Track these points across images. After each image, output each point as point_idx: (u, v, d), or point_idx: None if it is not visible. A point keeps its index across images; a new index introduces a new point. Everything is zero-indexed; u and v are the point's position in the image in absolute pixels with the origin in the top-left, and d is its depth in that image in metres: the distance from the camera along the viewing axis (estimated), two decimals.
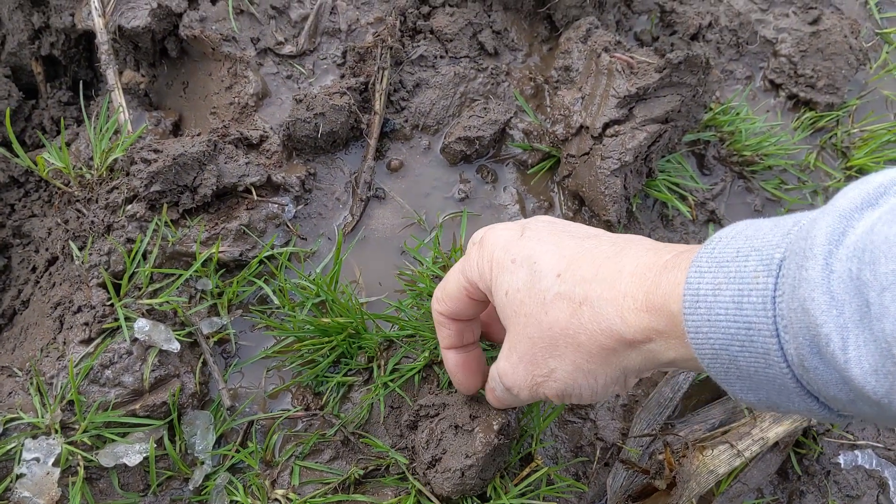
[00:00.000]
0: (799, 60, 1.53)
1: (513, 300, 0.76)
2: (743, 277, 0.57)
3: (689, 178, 1.39)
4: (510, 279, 0.76)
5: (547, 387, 0.76)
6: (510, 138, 1.38)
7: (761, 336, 0.55)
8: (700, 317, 0.59)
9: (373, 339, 1.15)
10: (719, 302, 0.58)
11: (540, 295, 0.73)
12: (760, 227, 0.60)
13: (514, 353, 0.77)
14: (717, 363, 0.60)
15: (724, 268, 0.58)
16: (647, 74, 1.24)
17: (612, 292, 0.67)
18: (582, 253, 0.73)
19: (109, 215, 1.16)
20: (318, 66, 1.36)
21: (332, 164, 1.31)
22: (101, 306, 1.10)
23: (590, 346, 0.69)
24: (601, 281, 0.69)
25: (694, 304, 0.59)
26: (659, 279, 0.64)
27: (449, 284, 0.87)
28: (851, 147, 1.52)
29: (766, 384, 0.58)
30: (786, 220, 0.58)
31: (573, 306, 0.70)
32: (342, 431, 1.12)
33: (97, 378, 1.06)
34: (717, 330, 0.58)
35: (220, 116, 1.30)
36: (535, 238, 0.78)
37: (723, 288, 0.58)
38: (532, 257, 0.75)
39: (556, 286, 0.72)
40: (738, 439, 1.08)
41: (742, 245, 0.59)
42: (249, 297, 1.19)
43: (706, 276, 0.59)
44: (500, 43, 1.45)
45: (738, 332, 0.57)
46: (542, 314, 0.72)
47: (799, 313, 0.52)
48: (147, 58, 1.37)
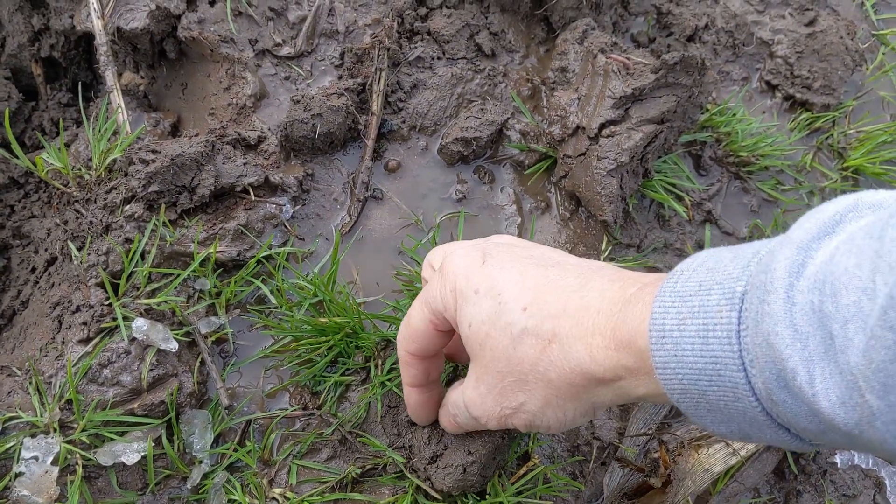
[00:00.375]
0: (795, 62, 1.54)
1: (478, 332, 0.74)
2: (707, 312, 0.57)
3: (685, 179, 1.39)
4: (474, 311, 0.75)
5: (516, 418, 0.76)
6: (507, 139, 1.38)
7: (728, 370, 0.55)
8: (667, 352, 0.59)
9: (370, 339, 1.16)
10: (685, 337, 0.58)
11: (507, 329, 0.72)
12: (721, 258, 0.59)
13: (482, 385, 0.77)
14: (686, 398, 0.60)
15: (687, 302, 0.58)
16: (643, 75, 1.25)
17: (580, 329, 0.67)
18: (547, 285, 0.72)
19: (108, 215, 1.16)
20: (316, 67, 1.37)
21: (330, 165, 1.31)
22: (99, 306, 1.11)
23: (559, 383, 0.69)
24: (569, 317, 0.68)
25: (660, 340, 0.59)
26: (625, 315, 0.64)
27: (413, 320, 0.84)
28: (848, 148, 1.53)
29: (736, 417, 0.58)
30: (745, 251, 0.58)
31: (542, 343, 0.69)
32: (339, 430, 1.13)
33: (95, 377, 1.06)
34: (684, 365, 0.58)
35: (219, 117, 1.31)
36: (497, 266, 0.76)
37: (687, 323, 0.58)
38: (496, 287, 0.74)
39: (522, 320, 0.71)
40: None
41: (704, 278, 0.59)
42: (247, 296, 1.20)
43: (670, 311, 0.59)
44: (497, 44, 1.45)
45: (705, 366, 0.57)
46: (511, 349, 0.71)
47: (764, 348, 0.52)
48: (146, 59, 1.37)
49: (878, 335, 0.44)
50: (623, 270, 0.72)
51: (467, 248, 0.81)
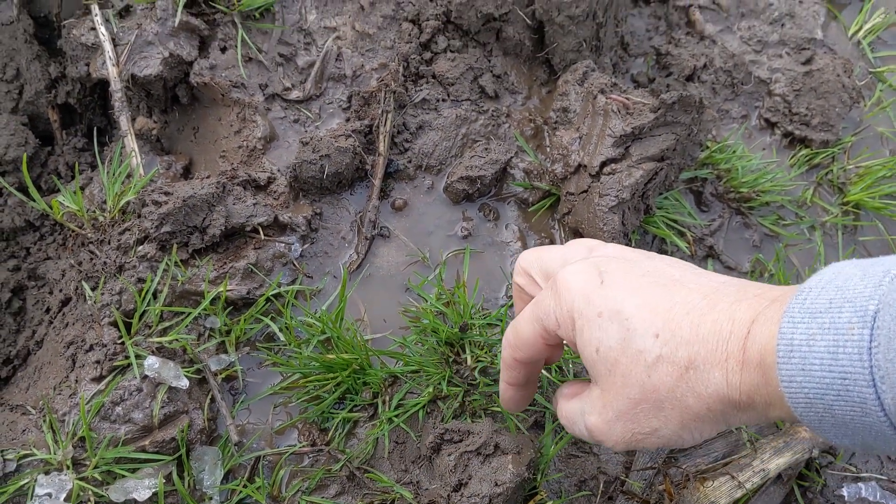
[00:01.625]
0: (793, 99, 1.57)
1: (605, 358, 0.73)
2: (838, 328, 0.57)
3: (686, 215, 1.41)
4: (600, 336, 0.73)
5: (647, 442, 0.75)
6: (511, 177, 1.41)
7: (857, 386, 0.56)
8: (794, 366, 0.59)
9: (377, 375, 1.17)
10: (814, 352, 0.58)
11: (639, 356, 0.71)
12: (849, 276, 0.60)
13: (610, 411, 0.75)
14: (810, 412, 0.60)
15: (817, 319, 0.59)
16: (643, 114, 1.28)
17: (716, 355, 0.67)
18: (675, 308, 0.71)
19: (121, 256, 1.19)
20: (325, 110, 1.41)
21: (338, 205, 1.34)
22: (112, 344, 1.13)
23: (698, 409, 0.69)
24: (703, 342, 0.68)
25: (788, 354, 0.60)
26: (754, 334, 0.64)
27: (522, 331, 0.83)
28: (847, 183, 1.55)
29: (861, 431, 0.58)
30: (875, 270, 0.59)
31: (679, 370, 0.69)
32: (347, 466, 1.14)
33: (108, 415, 1.08)
34: (811, 379, 0.58)
35: (229, 159, 1.34)
36: (617, 286, 0.74)
37: (817, 338, 0.58)
38: (622, 312, 0.72)
39: (656, 348, 0.70)
40: (738, 471, 1.09)
41: (834, 296, 0.59)
42: (257, 334, 1.22)
43: (799, 326, 0.60)
44: (500, 86, 1.49)
45: (833, 381, 0.57)
46: (645, 376, 0.71)
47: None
48: (159, 104, 1.41)
49: None
50: (744, 285, 0.71)
51: (580, 264, 0.79)
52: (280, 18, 1.44)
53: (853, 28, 1.75)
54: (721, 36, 1.65)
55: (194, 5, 1.39)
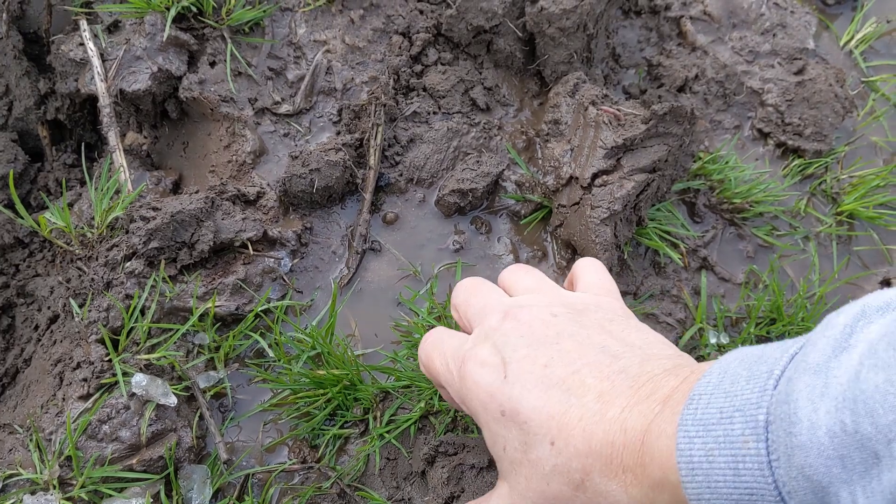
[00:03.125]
0: (785, 109, 1.56)
1: (511, 458, 0.74)
2: (733, 442, 0.56)
3: (680, 226, 1.41)
4: (506, 435, 0.75)
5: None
6: (503, 190, 1.40)
7: (766, 501, 0.55)
8: (699, 484, 0.58)
9: (368, 391, 1.16)
10: (715, 468, 0.57)
11: (537, 464, 0.71)
12: (736, 377, 0.59)
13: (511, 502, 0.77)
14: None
15: (711, 431, 0.58)
16: (634, 125, 1.27)
17: (611, 468, 0.66)
18: (569, 413, 0.70)
19: (109, 272, 1.18)
20: (315, 123, 1.40)
21: (329, 219, 1.34)
22: (99, 362, 1.12)
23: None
24: (596, 455, 0.67)
25: (690, 473, 0.59)
26: (651, 451, 0.63)
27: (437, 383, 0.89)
28: (841, 193, 1.54)
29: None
30: (759, 371, 0.58)
31: (574, 482, 0.69)
32: (338, 484, 1.12)
33: (95, 433, 1.07)
34: (719, 496, 0.57)
35: (219, 174, 1.33)
36: (517, 382, 0.74)
37: (715, 454, 0.57)
38: (521, 413, 0.73)
39: (552, 458, 0.70)
40: None
41: (724, 404, 0.58)
42: (246, 350, 1.21)
43: (695, 441, 0.59)
44: (491, 98, 1.49)
45: (741, 497, 0.56)
46: (544, 484, 0.71)
47: (800, 480, 0.52)
48: (148, 119, 1.41)
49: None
50: (640, 378, 0.70)
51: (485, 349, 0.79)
52: (269, 32, 1.43)
53: (845, 38, 1.75)
54: (713, 47, 1.64)
55: (183, 20, 1.39)
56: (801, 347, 0.56)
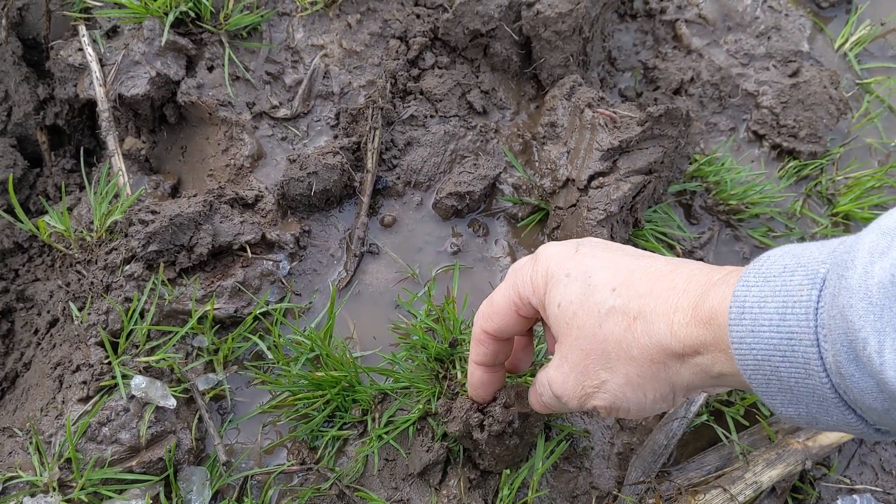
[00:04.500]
0: (780, 111, 1.57)
1: (566, 312, 0.76)
2: (788, 291, 0.58)
3: (676, 228, 1.41)
4: (564, 291, 0.77)
5: (597, 398, 0.77)
6: (500, 193, 1.41)
7: (802, 346, 0.57)
8: (744, 328, 0.60)
9: (367, 393, 1.17)
10: (764, 313, 0.59)
11: (594, 308, 0.74)
12: (808, 246, 0.61)
13: (566, 364, 0.78)
14: (758, 374, 0.61)
15: (770, 282, 0.60)
16: (629, 128, 1.28)
17: (664, 307, 0.69)
18: (637, 269, 0.74)
19: (108, 276, 1.19)
20: (313, 127, 1.41)
21: (327, 222, 1.34)
22: (98, 365, 1.12)
23: (641, 360, 0.71)
24: (655, 296, 0.70)
25: (739, 316, 0.61)
26: (707, 293, 0.66)
27: (497, 300, 0.86)
28: (836, 194, 1.55)
29: (805, 396, 0.59)
30: (833, 241, 0.60)
31: (627, 320, 0.71)
32: (337, 485, 1.13)
33: (94, 436, 1.07)
34: (760, 340, 0.59)
35: (217, 178, 1.34)
36: (589, 255, 0.78)
37: (768, 300, 0.59)
38: (587, 272, 0.76)
39: (610, 300, 0.73)
40: (730, 483, 1.09)
41: (789, 262, 0.60)
42: (245, 353, 1.21)
43: (753, 289, 0.61)
44: (488, 102, 1.49)
45: (780, 342, 0.58)
46: (596, 326, 0.73)
47: (838, 320, 0.53)
48: (147, 124, 1.42)
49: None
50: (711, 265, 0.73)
51: (561, 242, 0.83)
52: (267, 37, 1.44)
53: (839, 40, 1.76)
54: (708, 49, 1.65)
55: (181, 25, 1.40)
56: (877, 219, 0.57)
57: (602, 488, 1.17)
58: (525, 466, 1.11)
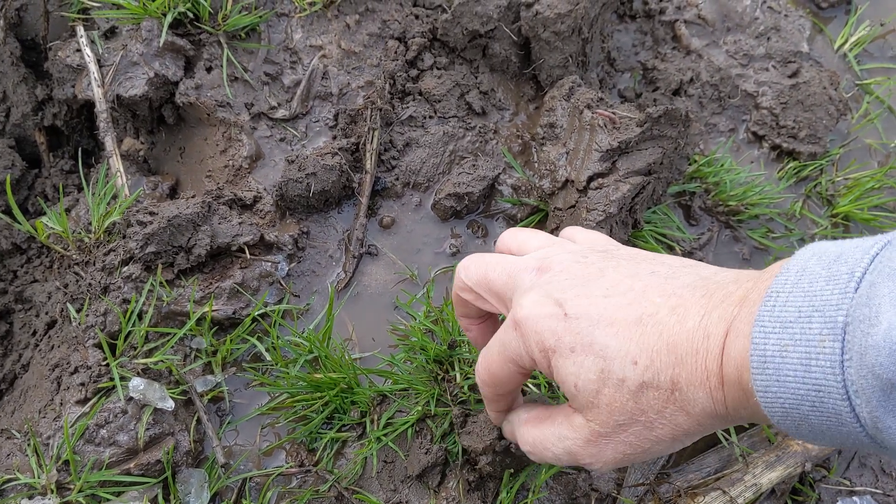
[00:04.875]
0: (780, 112, 1.57)
1: (586, 391, 0.72)
2: (809, 340, 0.57)
3: (675, 229, 1.41)
4: (577, 371, 0.72)
5: (636, 457, 0.75)
6: (499, 194, 1.41)
7: (832, 399, 0.56)
8: (768, 377, 0.59)
9: (366, 394, 1.16)
10: (787, 363, 0.58)
11: (622, 385, 0.70)
12: (815, 277, 0.59)
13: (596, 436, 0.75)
14: (787, 420, 0.60)
15: (788, 329, 0.58)
16: (629, 129, 1.28)
17: (697, 375, 0.67)
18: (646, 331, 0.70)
19: (106, 277, 1.18)
20: (311, 128, 1.41)
21: (325, 223, 1.34)
22: (97, 366, 1.12)
23: (688, 426, 0.70)
24: (682, 364, 0.68)
25: (762, 365, 0.60)
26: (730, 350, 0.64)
27: (495, 370, 0.81)
28: (836, 195, 1.55)
29: (839, 439, 0.58)
30: (839, 270, 0.58)
31: (665, 394, 0.69)
32: (336, 487, 1.12)
33: (92, 438, 1.07)
34: (786, 390, 0.58)
35: (215, 179, 1.34)
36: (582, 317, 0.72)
37: (789, 350, 0.58)
38: (594, 344, 0.71)
39: (637, 375, 0.69)
40: (730, 486, 1.08)
41: (802, 304, 0.58)
42: (243, 354, 1.21)
43: (771, 336, 0.59)
44: (487, 103, 1.49)
45: (807, 393, 0.57)
46: (632, 402, 0.70)
47: (869, 379, 0.52)
48: (145, 125, 1.41)
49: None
50: (708, 287, 0.70)
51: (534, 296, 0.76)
52: (266, 38, 1.44)
53: (839, 41, 1.76)
54: (707, 50, 1.65)
55: (180, 26, 1.40)
56: (883, 248, 0.56)
57: (601, 490, 1.16)
58: (526, 471, 1.11)
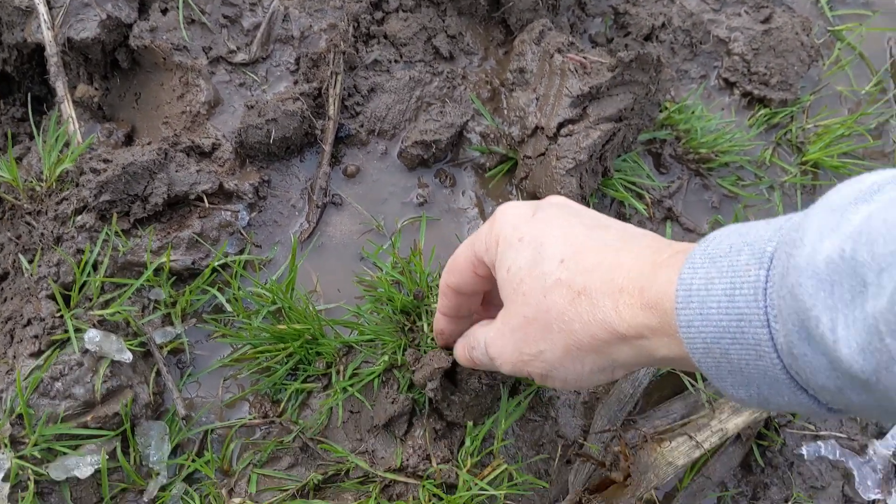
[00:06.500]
0: (752, 58, 1.55)
1: (514, 277, 0.76)
2: (735, 271, 0.57)
3: (645, 177, 1.39)
4: (514, 256, 0.77)
5: (533, 366, 0.77)
6: (468, 142, 1.38)
7: (752, 327, 0.56)
8: (692, 311, 0.59)
9: (331, 345, 1.14)
10: (712, 295, 0.58)
11: (541, 277, 0.73)
12: (754, 224, 0.60)
13: (507, 328, 0.78)
14: (708, 358, 0.60)
15: (716, 263, 0.59)
16: (600, 73, 1.25)
17: (610, 286, 0.68)
18: (587, 242, 0.74)
19: (59, 227, 1.14)
20: (272, 73, 1.36)
21: (287, 171, 1.30)
22: (50, 318, 1.08)
23: (583, 335, 0.70)
24: (601, 273, 0.69)
25: (687, 299, 0.60)
26: (655, 276, 0.65)
27: (458, 257, 0.88)
28: (806, 142, 1.54)
29: (757, 377, 0.58)
30: (779, 218, 0.59)
31: (572, 294, 0.70)
32: (301, 438, 1.11)
33: (47, 391, 1.04)
34: (709, 323, 0.58)
35: (172, 126, 1.29)
36: (545, 220, 0.78)
37: (715, 282, 0.58)
38: (539, 239, 0.76)
39: (557, 271, 0.72)
40: (696, 431, 1.08)
41: (735, 241, 0.59)
42: (204, 305, 1.18)
43: (699, 271, 0.60)
44: (455, 47, 1.45)
45: (729, 324, 0.57)
46: (541, 296, 0.73)
47: (788, 300, 0.52)
48: (99, 70, 1.35)
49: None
50: (663, 239, 0.73)
51: (521, 202, 0.83)
52: None
53: None
54: None
55: None
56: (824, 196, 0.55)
57: (568, 437, 1.16)
58: (490, 419, 1.10)
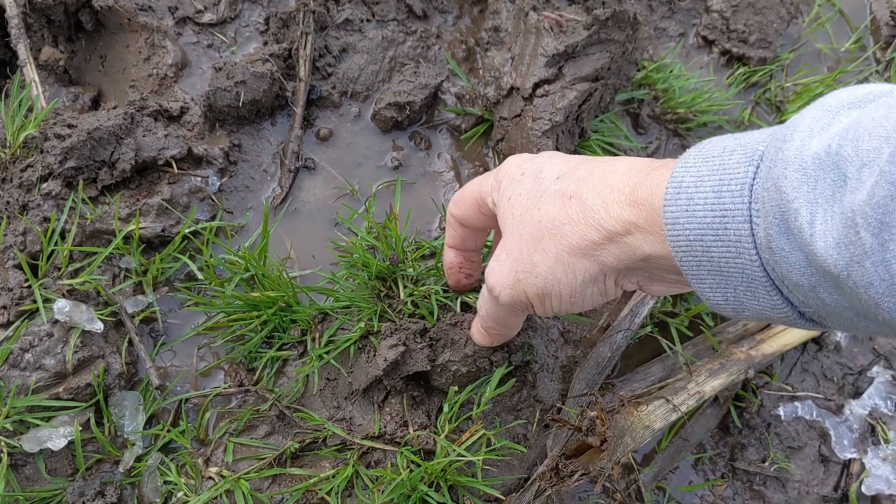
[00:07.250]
0: (731, 16, 1.53)
1: (513, 204, 0.79)
2: (726, 169, 0.58)
3: (623, 138, 1.38)
4: (516, 187, 0.80)
5: (527, 284, 0.77)
6: (443, 103, 1.35)
7: (735, 222, 0.56)
8: (679, 207, 0.60)
9: (306, 312, 1.13)
10: (700, 192, 0.59)
11: (536, 194, 0.76)
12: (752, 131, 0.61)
13: (503, 251, 0.80)
14: (689, 255, 0.61)
15: (708, 162, 0.60)
16: (576, 32, 1.23)
17: (601, 186, 0.70)
18: (585, 161, 0.77)
19: (24, 194, 1.11)
20: (241, 34, 1.32)
21: (258, 135, 1.27)
22: (18, 288, 1.06)
23: (571, 237, 0.71)
24: (594, 180, 0.71)
25: (675, 195, 0.60)
26: (647, 177, 0.66)
27: (465, 192, 0.91)
28: (785, 101, 1.52)
29: (734, 277, 0.59)
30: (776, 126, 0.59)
31: (564, 200, 0.72)
32: (277, 406, 1.10)
33: (17, 362, 1.02)
34: (693, 219, 0.59)
35: (139, 89, 1.26)
36: (546, 157, 0.81)
37: (705, 179, 0.59)
38: (539, 168, 0.79)
39: (553, 186, 0.75)
40: (673, 394, 1.08)
41: (730, 143, 0.60)
42: (176, 273, 1.16)
43: (691, 170, 0.60)
44: (429, 5, 1.42)
45: (713, 220, 0.58)
46: (535, 210, 0.75)
47: (771, 192, 0.53)
48: (63, 32, 1.31)
49: (885, 171, 0.45)
50: None
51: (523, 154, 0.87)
52: None
53: None
54: None
55: None
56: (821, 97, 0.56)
57: (546, 401, 1.16)
58: (470, 387, 1.09)
